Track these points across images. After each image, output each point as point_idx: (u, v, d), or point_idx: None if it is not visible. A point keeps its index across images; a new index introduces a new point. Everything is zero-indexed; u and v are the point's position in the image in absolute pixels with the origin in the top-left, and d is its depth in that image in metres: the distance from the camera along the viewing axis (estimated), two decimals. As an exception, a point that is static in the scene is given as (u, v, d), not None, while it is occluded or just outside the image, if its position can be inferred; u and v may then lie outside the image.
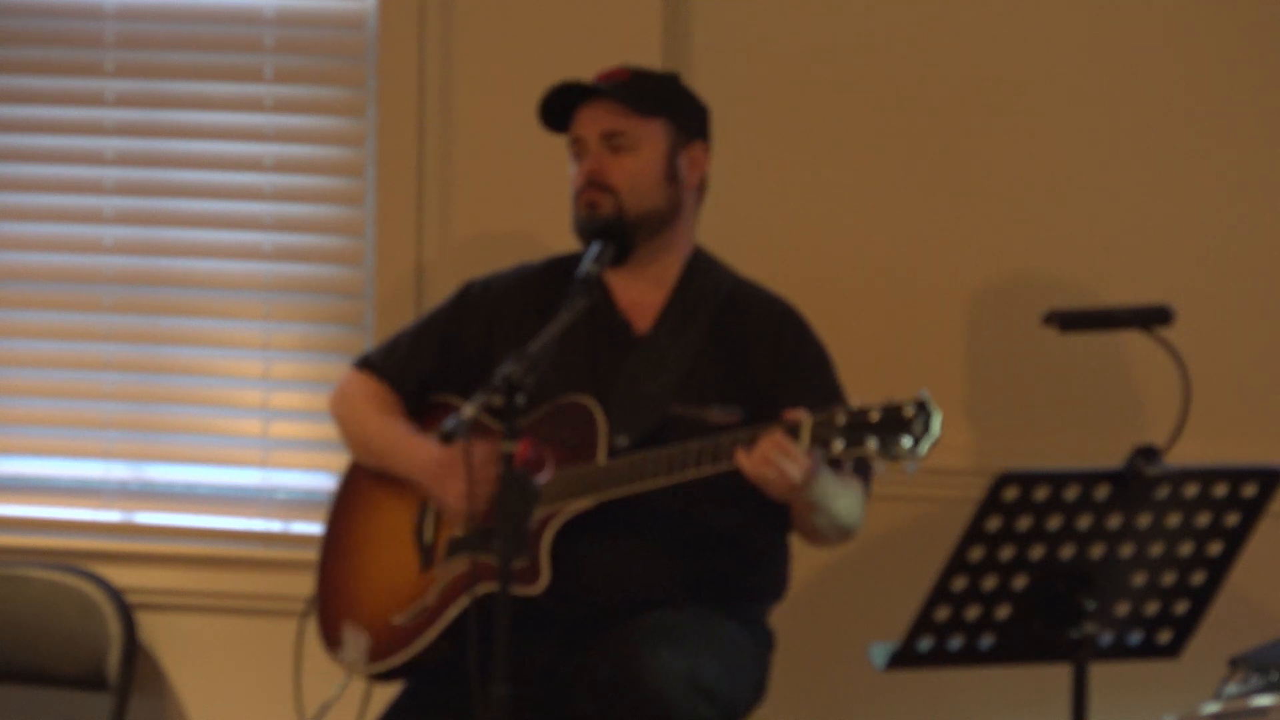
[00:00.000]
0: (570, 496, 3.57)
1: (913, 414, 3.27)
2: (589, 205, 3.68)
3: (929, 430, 3.27)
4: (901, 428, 3.27)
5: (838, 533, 3.61)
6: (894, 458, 3.29)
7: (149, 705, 4.59)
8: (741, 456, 3.40)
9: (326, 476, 4.59)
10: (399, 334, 3.92)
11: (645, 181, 3.69)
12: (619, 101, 3.68)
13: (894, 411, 3.29)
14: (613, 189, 3.67)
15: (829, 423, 3.34)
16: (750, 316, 3.73)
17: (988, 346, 4.34)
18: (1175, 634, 3.24)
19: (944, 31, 4.32)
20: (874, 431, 3.29)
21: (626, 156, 3.69)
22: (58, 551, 4.58)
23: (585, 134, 3.70)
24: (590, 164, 3.69)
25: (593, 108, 3.71)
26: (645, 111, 3.69)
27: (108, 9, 4.58)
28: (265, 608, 4.53)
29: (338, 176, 4.55)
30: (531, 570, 3.55)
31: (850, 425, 3.31)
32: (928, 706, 4.33)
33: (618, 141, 3.68)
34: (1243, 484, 3.13)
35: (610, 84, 3.71)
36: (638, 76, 3.74)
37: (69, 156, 4.61)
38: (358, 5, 4.52)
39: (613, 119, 3.69)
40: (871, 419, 3.30)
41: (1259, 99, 4.27)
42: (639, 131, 3.69)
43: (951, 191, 4.34)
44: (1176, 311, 3.39)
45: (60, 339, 4.65)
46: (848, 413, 3.33)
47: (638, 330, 3.73)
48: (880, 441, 3.28)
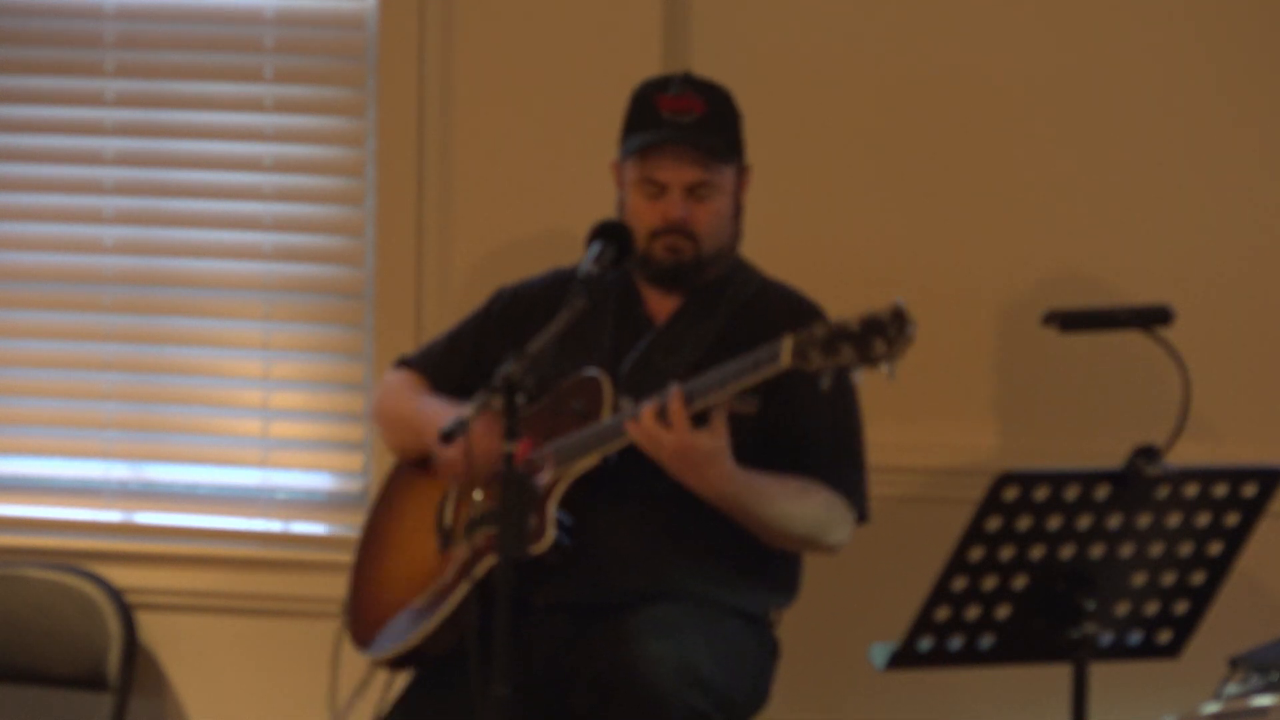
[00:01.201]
0: (574, 458, 3.59)
1: (888, 319, 3.30)
2: (671, 250, 3.67)
3: (904, 333, 3.29)
4: (876, 331, 3.30)
5: (790, 539, 3.64)
6: (870, 361, 3.31)
7: (149, 705, 4.59)
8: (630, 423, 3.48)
9: (326, 476, 4.60)
10: (434, 339, 3.95)
11: (721, 224, 3.71)
12: (704, 154, 3.66)
13: (870, 320, 3.32)
14: (695, 236, 3.67)
15: (809, 337, 3.36)
16: (768, 309, 3.75)
17: (987, 346, 4.34)
18: (1175, 634, 3.24)
19: (945, 33, 4.33)
20: (850, 339, 3.32)
21: (708, 204, 3.68)
22: (58, 551, 4.58)
23: (670, 181, 3.66)
24: (676, 211, 3.65)
25: (677, 153, 3.66)
26: (724, 159, 3.69)
27: (108, 9, 4.58)
28: (265, 608, 4.53)
29: (338, 176, 4.55)
30: (537, 528, 3.56)
31: (828, 338, 3.34)
32: (928, 706, 4.33)
33: (701, 191, 3.67)
34: (1243, 484, 3.13)
35: (696, 128, 3.65)
36: (713, 111, 3.69)
37: (69, 156, 4.61)
38: (358, 5, 4.52)
39: (700, 171, 3.66)
40: (849, 329, 3.33)
41: (1259, 99, 4.28)
42: (719, 180, 3.69)
43: (950, 192, 4.35)
44: (1176, 311, 3.39)
45: (60, 339, 4.65)
46: (826, 326, 3.36)
47: (657, 321, 3.75)
48: (856, 349, 3.31)
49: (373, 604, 3.79)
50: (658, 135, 3.66)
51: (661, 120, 3.67)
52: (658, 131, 3.66)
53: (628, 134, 3.73)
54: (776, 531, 3.61)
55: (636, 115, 3.72)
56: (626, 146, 3.71)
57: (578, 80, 4.37)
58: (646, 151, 3.67)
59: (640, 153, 3.68)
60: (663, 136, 3.66)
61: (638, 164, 3.68)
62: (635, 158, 3.69)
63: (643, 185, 3.68)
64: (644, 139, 3.67)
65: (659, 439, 3.47)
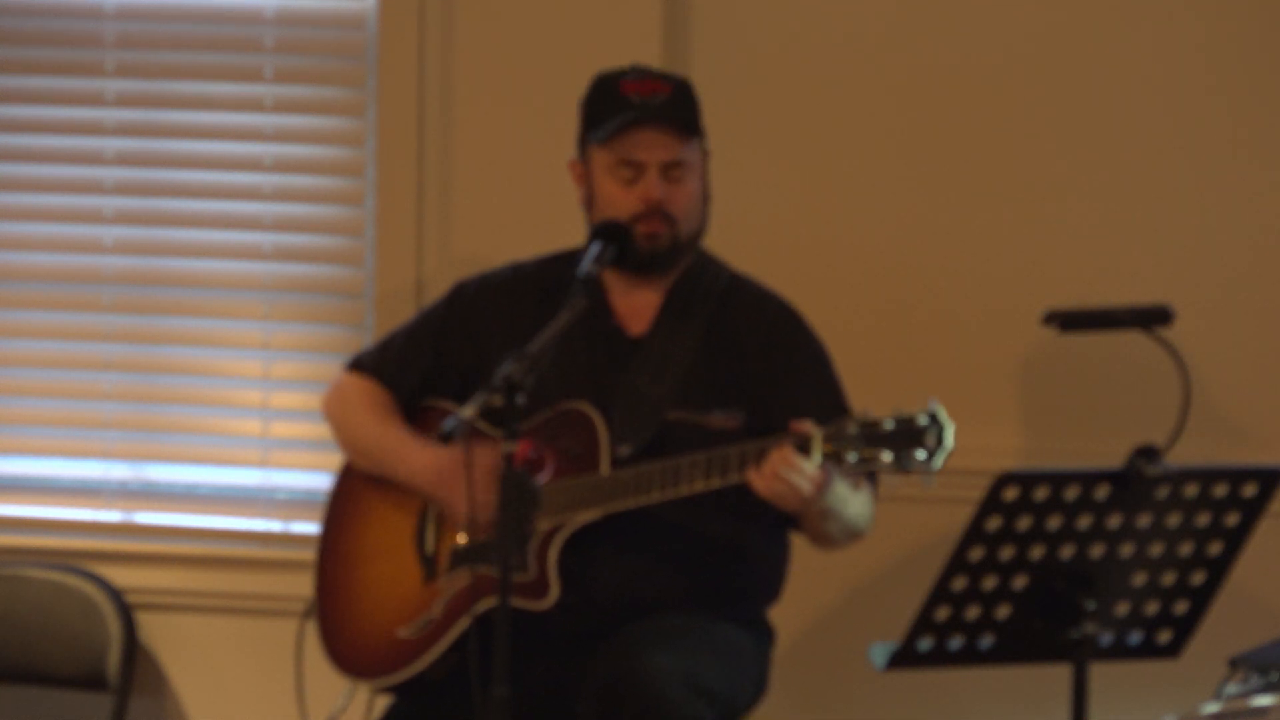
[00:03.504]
0: (576, 508, 3.56)
1: (925, 424, 3.27)
2: (650, 236, 3.63)
3: (943, 442, 3.26)
4: (915, 439, 3.27)
5: (848, 536, 3.62)
6: (908, 470, 3.29)
7: (149, 705, 4.59)
8: (753, 474, 3.39)
9: (326, 476, 4.57)
10: (391, 334, 3.90)
11: (695, 206, 3.68)
12: (678, 130, 3.64)
13: (906, 423, 3.28)
14: (672, 218, 3.64)
15: (840, 435, 3.33)
16: (745, 314, 3.72)
17: (987, 346, 4.34)
18: (1175, 634, 3.24)
19: (944, 32, 4.33)
20: (886, 443, 3.28)
21: (683, 185, 3.65)
22: (58, 551, 4.58)
23: (647, 160, 3.63)
24: (655, 191, 3.62)
25: (652, 131, 3.64)
26: (691, 134, 3.66)
27: (108, 9, 4.58)
28: (265, 608, 4.53)
29: (338, 176, 4.55)
30: (540, 584, 3.54)
31: (862, 436, 3.30)
32: (928, 706, 4.33)
33: (675, 172, 3.64)
34: (1243, 484, 3.13)
35: (668, 107, 3.64)
36: (677, 92, 3.68)
37: (69, 156, 4.61)
38: (358, 5, 4.52)
39: (674, 148, 3.63)
40: (884, 429, 3.29)
41: (1259, 100, 4.27)
42: (690, 158, 3.66)
43: (950, 191, 4.34)
44: (1176, 311, 3.39)
45: (60, 339, 4.64)
46: (859, 424, 3.31)
47: (634, 333, 3.72)
48: (895, 454, 3.28)
49: (347, 622, 3.76)
50: (634, 115, 3.62)
51: (631, 103, 3.64)
52: (632, 112, 3.63)
53: (596, 123, 3.68)
54: (850, 530, 3.58)
55: (602, 103, 3.68)
56: (598, 133, 3.66)
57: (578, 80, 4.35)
58: (623, 133, 3.63)
59: (615, 136, 3.63)
60: (639, 116, 3.62)
61: (612, 148, 3.64)
62: (609, 143, 3.64)
63: (618, 169, 3.64)
64: (620, 120, 3.63)
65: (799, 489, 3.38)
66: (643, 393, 3.65)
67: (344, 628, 3.76)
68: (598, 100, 3.70)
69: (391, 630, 3.68)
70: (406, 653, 3.66)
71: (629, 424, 3.62)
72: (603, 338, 3.70)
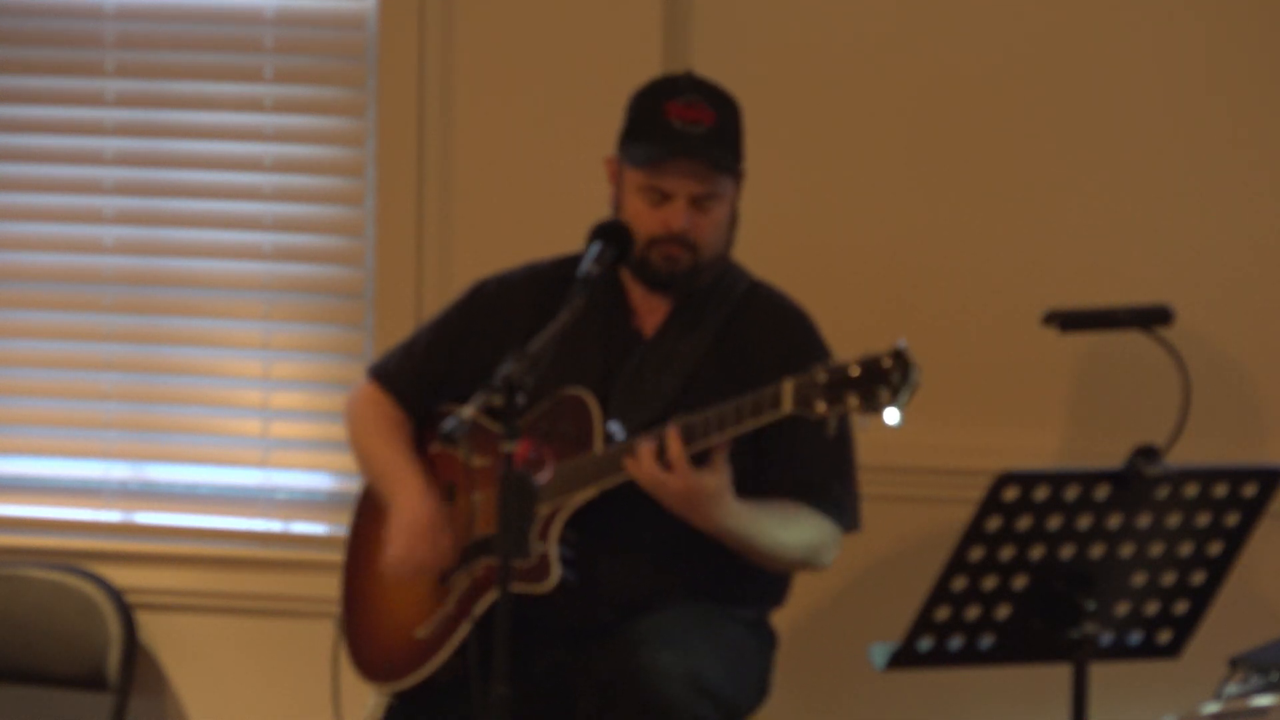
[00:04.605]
0: (572, 489, 3.57)
1: (891, 364, 3.27)
2: (669, 259, 3.61)
3: (908, 379, 3.27)
4: (880, 379, 3.27)
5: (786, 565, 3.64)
6: (875, 410, 3.29)
7: (149, 705, 4.59)
8: (630, 463, 3.46)
9: (326, 476, 4.60)
10: (414, 337, 3.87)
11: (720, 233, 3.66)
12: (712, 165, 3.61)
13: (872, 364, 3.28)
14: (695, 246, 3.62)
15: (810, 383, 3.34)
16: (758, 320, 3.72)
17: (987, 346, 4.34)
18: (1175, 634, 3.24)
19: (945, 33, 4.33)
20: (854, 387, 3.29)
21: (710, 214, 3.62)
22: (58, 551, 4.58)
23: (675, 191, 3.60)
24: (680, 221, 3.59)
25: (687, 163, 3.59)
26: (728, 170, 3.64)
27: (108, 9, 4.58)
28: (265, 608, 4.53)
29: (338, 176, 4.56)
30: (541, 568, 3.55)
31: (831, 384, 3.32)
32: (928, 706, 4.33)
33: (705, 202, 3.62)
34: (1243, 484, 3.13)
35: (706, 140, 3.60)
36: (722, 123, 3.63)
37: (69, 156, 4.61)
38: (358, 5, 4.52)
39: (706, 182, 3.60)
40: (851, 374, 3.30)
41: (1259, 100, 4.28)
42: (721, 189, 3.63)
43: (950, 191, 4.35)
44: (1176, 311, 3.39)
45: (60, 339, 4.65)
46: (827, 370, 3.33)
47: (648, 332, 3.71)
48: (861, 396, 3.29)
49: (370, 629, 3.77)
50: (668, 149, 3.58)
51: (672, 130, 3.59)
52: (668, 145, 3.58)
53: (633, 140, 3.64)
54: (771, 559, 3.60)
55: (644, 122, 3.64)
56: (632, 155, 3.63)
57: (578, 80, 4.37)
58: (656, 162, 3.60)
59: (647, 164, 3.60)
60: (674, 150, 3.58)
61: (643, 172, 3.61)
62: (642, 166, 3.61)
63: (646, 192, 3.61)
64: (654, 151, 3.59)
65: (661, 481, 3.45)
66: (645, 384, 3.66)
67: (368, 634, 3.77)
68: (641, 114, 3.65)
69: (410, 632, 3.69)
70: (422, 653, 3.67)
71: (625, 407, 3.62)
72: (618, 335, 3.71)
